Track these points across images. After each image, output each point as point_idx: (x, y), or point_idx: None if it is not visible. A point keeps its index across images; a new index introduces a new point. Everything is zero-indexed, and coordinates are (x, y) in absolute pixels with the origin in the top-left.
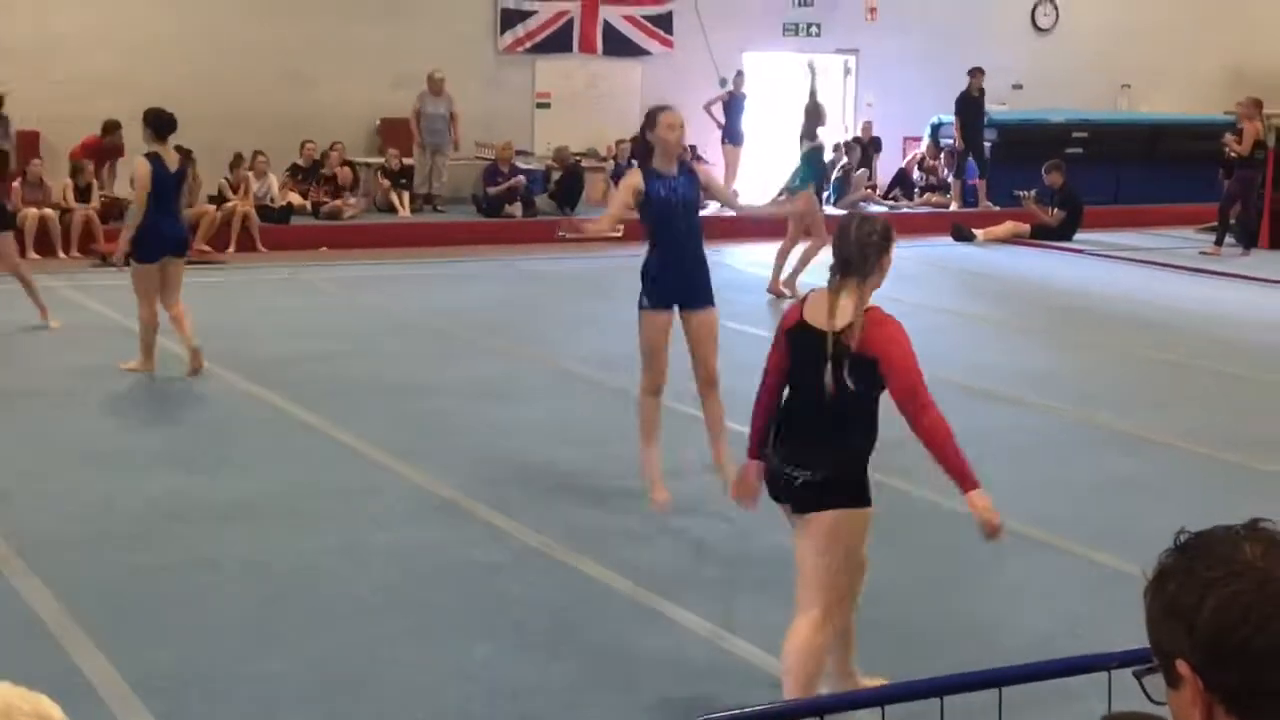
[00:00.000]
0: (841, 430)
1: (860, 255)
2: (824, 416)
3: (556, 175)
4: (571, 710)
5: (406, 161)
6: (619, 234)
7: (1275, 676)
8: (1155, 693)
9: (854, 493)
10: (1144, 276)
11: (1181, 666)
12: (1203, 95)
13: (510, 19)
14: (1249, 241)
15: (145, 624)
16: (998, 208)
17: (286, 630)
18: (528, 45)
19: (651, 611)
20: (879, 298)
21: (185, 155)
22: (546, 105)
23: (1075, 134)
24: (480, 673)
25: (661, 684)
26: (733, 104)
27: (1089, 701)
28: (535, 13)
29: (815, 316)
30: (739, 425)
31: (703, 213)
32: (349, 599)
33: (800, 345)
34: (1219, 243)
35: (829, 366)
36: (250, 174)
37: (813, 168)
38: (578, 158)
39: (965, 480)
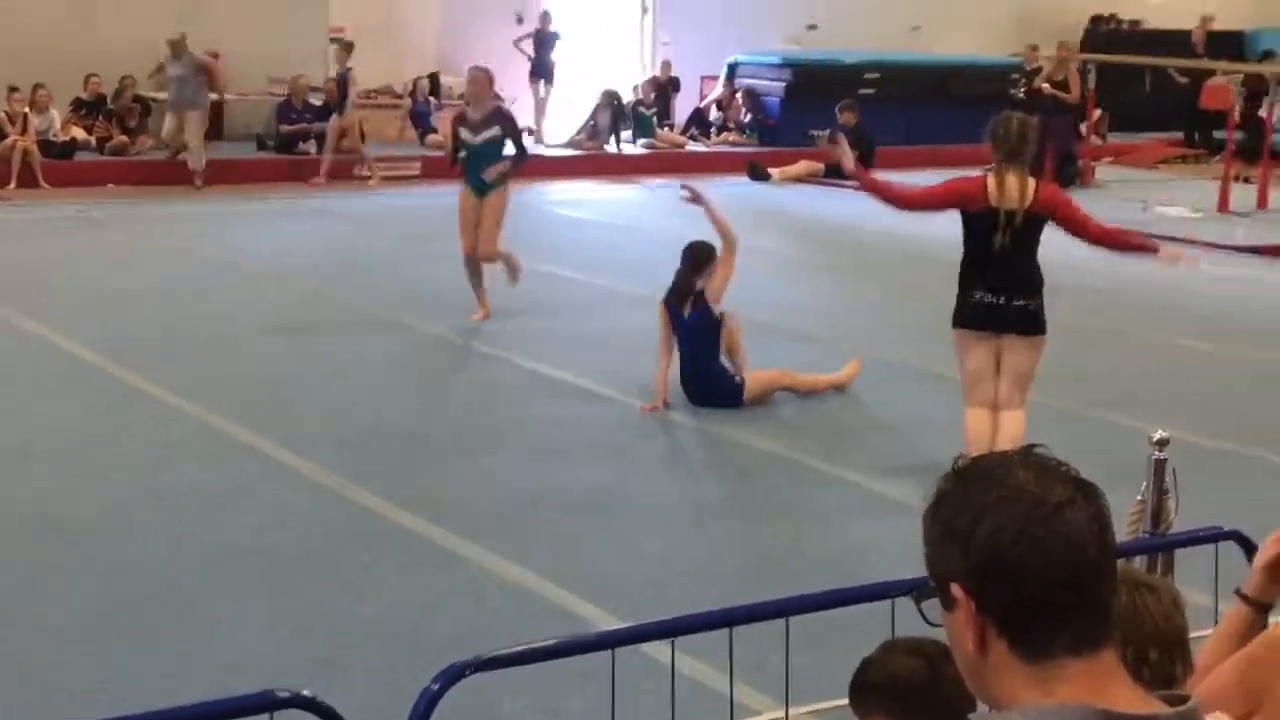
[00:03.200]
0: (1033, 271)
1: (1021, 145)
2: (1018, 265)
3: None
4: (366, 647)
5: None
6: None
7: (1043, 598)
8: (933, 616)
9: (1044, 320)
10: (932, 215)
11: (956, 589)
12: (992, 37)
13: None
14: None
15: None
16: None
17: (74, 576)
18: None
19: (445, 550)
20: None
21: None
22: (342, 40)
23: (868, 74)
24: (276, 612)
25: (453, 622)
26: (541, 40)
27: (876, 629)
28: None
29: (998, 199)
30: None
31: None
32: (137, 543)
33: (985, 221)
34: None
35: (1015, 228)
36: (28, 109)
37: None
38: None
39: (1149, 248)
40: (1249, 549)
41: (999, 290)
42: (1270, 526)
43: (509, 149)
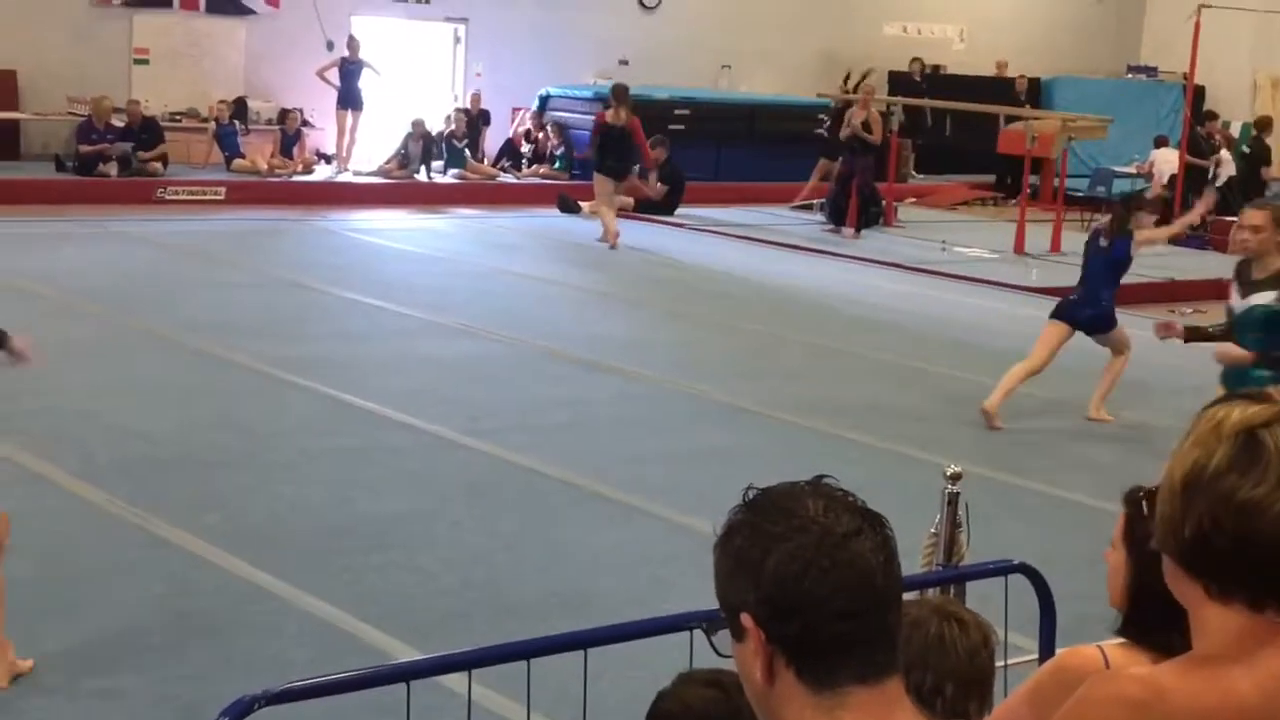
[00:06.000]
0: (630, 151)
1: (623, 96)
2: (621, 150)
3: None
4: (155, 678)
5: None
6: None
7: (830, 627)
8: (723, 647)
9: (630, 170)
10: (742, 251)
11: (745, 619)
12: (798, 78)
13: None
14: (855, 222)
15: None
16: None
17: None
18: None
19: (241, 580)
20: None
21: None
22: (145, 62)
23: (678, 111)
24: (55, 639)
25: (248, 654)
26: (347, 69)
27: (674, 660)
28: None
29: (613, 120)
30: None
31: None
32: None
33: (607, 131)
34: (858, 228)
35: (615, 134)
36: None
37: None
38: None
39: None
40: (1037, 581)
41: (616, 160)
42: (1057, 558)
43: None
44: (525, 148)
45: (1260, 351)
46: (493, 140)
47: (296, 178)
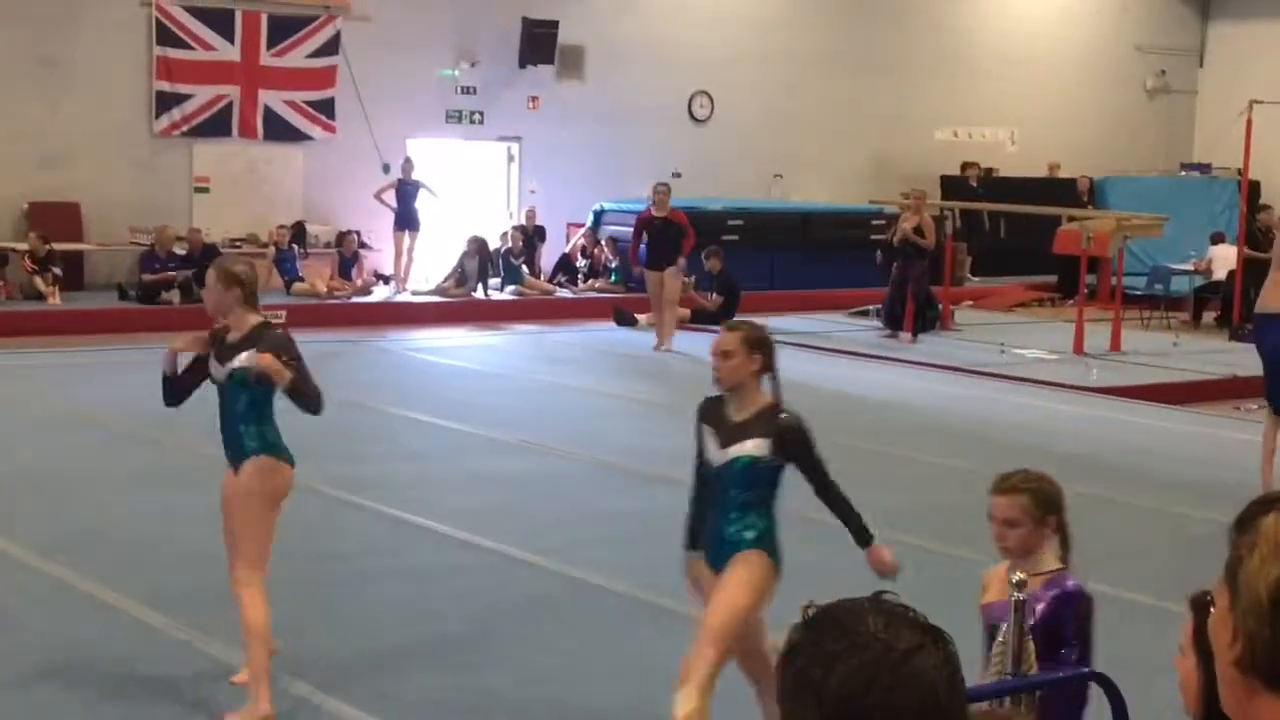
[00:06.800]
0: (676, 238)
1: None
2: (667, 241)
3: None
4: None
5: (60, 246)
6: None
7: None
8: None
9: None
10: (798, 358)
11: None
12: (850, 185)
13: (166, 102)
14: (912, 326)
15: None
16: None
17: None
18: (184, 129)
19: (309, 705)
20: None
21: None
22: (205, 190)
23: (731, 221)
24: None
25: None
26: (403, 190)
27: None
28: (192, 96)
29: (658, 213)
30: None
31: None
32: None
33: (653, 223)
34: (915, 333)
35: (660, 225)
36: None
37: None
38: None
39: None
40: (1110, 690)
41: (661, 253)
42: (1129, 664)
43: None
44: (581, 262)
45: (742, 507)
46: (548, 256)
47: (355, 299)
